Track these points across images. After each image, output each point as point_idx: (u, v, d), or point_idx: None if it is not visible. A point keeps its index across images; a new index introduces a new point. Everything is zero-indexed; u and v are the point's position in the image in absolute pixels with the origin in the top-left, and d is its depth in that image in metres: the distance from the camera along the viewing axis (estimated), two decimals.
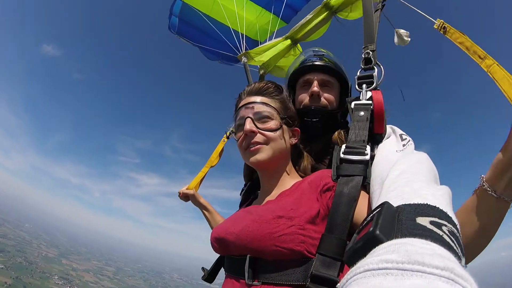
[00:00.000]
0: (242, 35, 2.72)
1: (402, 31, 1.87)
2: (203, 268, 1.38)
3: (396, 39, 1.90)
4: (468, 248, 0.89)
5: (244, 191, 1.50)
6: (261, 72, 2.39)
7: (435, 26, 1.38)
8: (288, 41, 2.17)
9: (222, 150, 2.20)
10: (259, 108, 1.16)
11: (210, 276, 1.30)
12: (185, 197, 2.05)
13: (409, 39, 1.87)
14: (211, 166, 2.21)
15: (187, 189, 2.06)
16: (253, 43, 3.04)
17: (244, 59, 2.31)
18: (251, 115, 1.15)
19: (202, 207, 1.99)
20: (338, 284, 0.38)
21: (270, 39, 2.63)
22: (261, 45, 2.29)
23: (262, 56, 2.25)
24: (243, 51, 2.43)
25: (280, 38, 2.20)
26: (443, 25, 1.34)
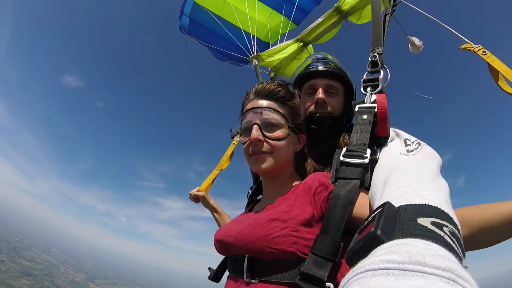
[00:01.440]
0: (253, 36, 2.73)
1: (414, 38, 1.89)
2: (209, 268, 1.41)
3: (410, 46, 1.92)
4: (476, 241, 0.88)
5: (249, 194, 1.52)
6: (272, 74, 2.40)
7: (474, 50, 1.41)
8: (299, 44, 2.18)
9: (232, 153, 2.21)
10: (267, 114, 1.13)
11: (215, 276, 1.33)
12: (195, 198, 2.08)
13: (422, 47, 1.89)
14: (221, 169, 2.23)
15: (197, 191, 2.09)
16: (263, 44, 3.06)
17: (255, 62, 2.32)
18: (258, 122, 1.12)
19: (212, 209, 2.01)
20: (340, 283, 0.38)
21: (281, 41, 2.64)
22: (272, 48, 2.30)
23: (273, 58, 2.27)
24: (254, 53, 2.44)
25: (290, 41, 2.22)
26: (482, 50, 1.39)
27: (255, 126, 1.11)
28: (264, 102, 1.17)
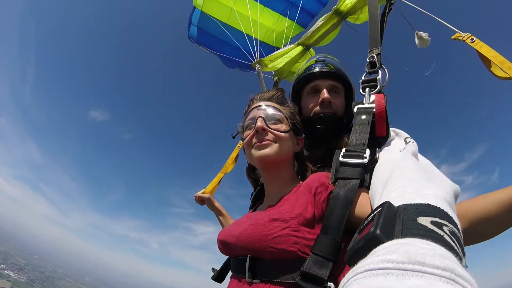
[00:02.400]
0: (257, 41, 2.77)
1: (421, 33, 1.87)
2: (213, 269, 1.43)
3: (417, 41, 1.90)
4: (476, 233, 0.86)
5: (253, 195, 1.54)
6: (275, 78, 2.42)
7: (463, 39, 1.39)
8: (301, 47, 2.19)
9: (237, 156, 2.25)
10: (270, 110, 1.21)
11: (219, 276, 1.35)
12: (201, 200, 2.14)
13: (429, 39, 1.86)
14: (226, 172, 2.27)
15: (203, 193, 2.14)
16: (270, 49, 3.08)
17: (258, 67, 2.36)
18: (263, 115, 1.18)
19: (216, 211, 2.06)
20: (340, 283, 0.38)
21: (288, 45, 2.66)
22: (274, 52, 2.33)
23: (276, 63, 2.29)
24: (257, 58, 2.48)
25: (292, 45, 2.23)
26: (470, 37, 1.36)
27: (260, 118, 1.17)
28: (267, 103, 1.26)
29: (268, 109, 1.21)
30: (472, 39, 1.39)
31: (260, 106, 1.23)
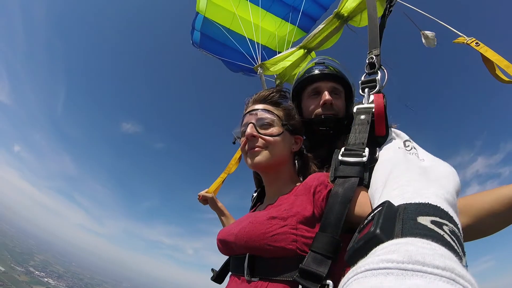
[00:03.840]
0: (259, 45, 2.79)
1: (428, 32, 1.89)
2: (212, 270, 1.43)
3: (424, 41, 1.91)
4: (479, 229, 0.86)
5: (253, 196, 1.56)
6: (277, 82, 2.44)
7: (467, 43, 1.40)
8: (302, 51, 2.20)
9: (240, 157, 2.26)
10: (261, 114, 1.22)
11: (218, 276, 1.35)
12: (204, 200, 2.15)
13: (436, 39, 1.87)
14: (229, 173, 2.28)
15: (206, 192, 2.16)
16: (273, 54, 3.09)
17: (260, 70, 2.38)
18: (253, 121, 1.20)
19: (219, 211, 2.07)
20: (340, 283, 0.38)
21: (290, 49, 2.68)
22: (276, 56, 2.34)
23: (277, 66, 2.30)
24: (259, 62, 2.50)
25: (294, 48, 2.25)
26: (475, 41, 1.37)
27: (250, 125, 1.19)
28: (259, 106, 1.26)
29: (259, 113, 1.22)
30: (477, 43, 1.40)
31: (252, 111, 1.24)
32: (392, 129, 1.11)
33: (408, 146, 1.00)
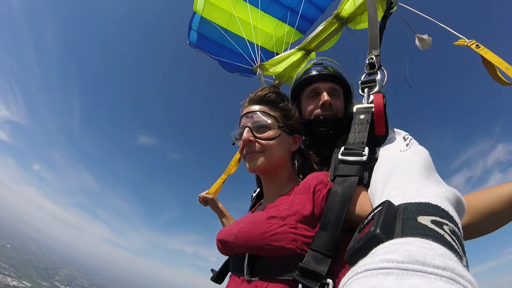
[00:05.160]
0: (258, 46, 2.79)
1: (422, 35, 1.92)
2: (212, 270, 1.43)
3: (418, 43, 1.94)
4: (480, 228, 0.88)
5: (253, 197, 1.57)
6: (276, 82, 2.45)
7: (467, 45, 1.43)
8: (302, 52, 2.22)
9: (240, 158, 2.25)
10: (258, 117, 1.20)
11: (218, 277, 1.35)
12: (204, 201, 2.15)
13: (431, 39, 1.90)
14: (229, 174, 2.29)
15: (206, 193, 2.16)
16: (270, 55, 3.10)
17: (259, 71, 2.38)
18: (249, 124, 1.19)
19: (219, 212, 2.07)
20: (340, 283, 0.38)
21: (288, 50, 2.69)
22: (275, 57, 2.35)
23: (277, 67, 2.31)
24: (258, 63, 2.50)
25: (293, 50, 2.26)
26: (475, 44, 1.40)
27: (246, 129, 1.18)
28: (255, 107, 1.24)
29: (256, 116, 1.20)
30: (477, 45, 1.43)
31: (248, 113, 1.22)
32: (392, 128, 1.13)
33: (407, 139, 1.03)
